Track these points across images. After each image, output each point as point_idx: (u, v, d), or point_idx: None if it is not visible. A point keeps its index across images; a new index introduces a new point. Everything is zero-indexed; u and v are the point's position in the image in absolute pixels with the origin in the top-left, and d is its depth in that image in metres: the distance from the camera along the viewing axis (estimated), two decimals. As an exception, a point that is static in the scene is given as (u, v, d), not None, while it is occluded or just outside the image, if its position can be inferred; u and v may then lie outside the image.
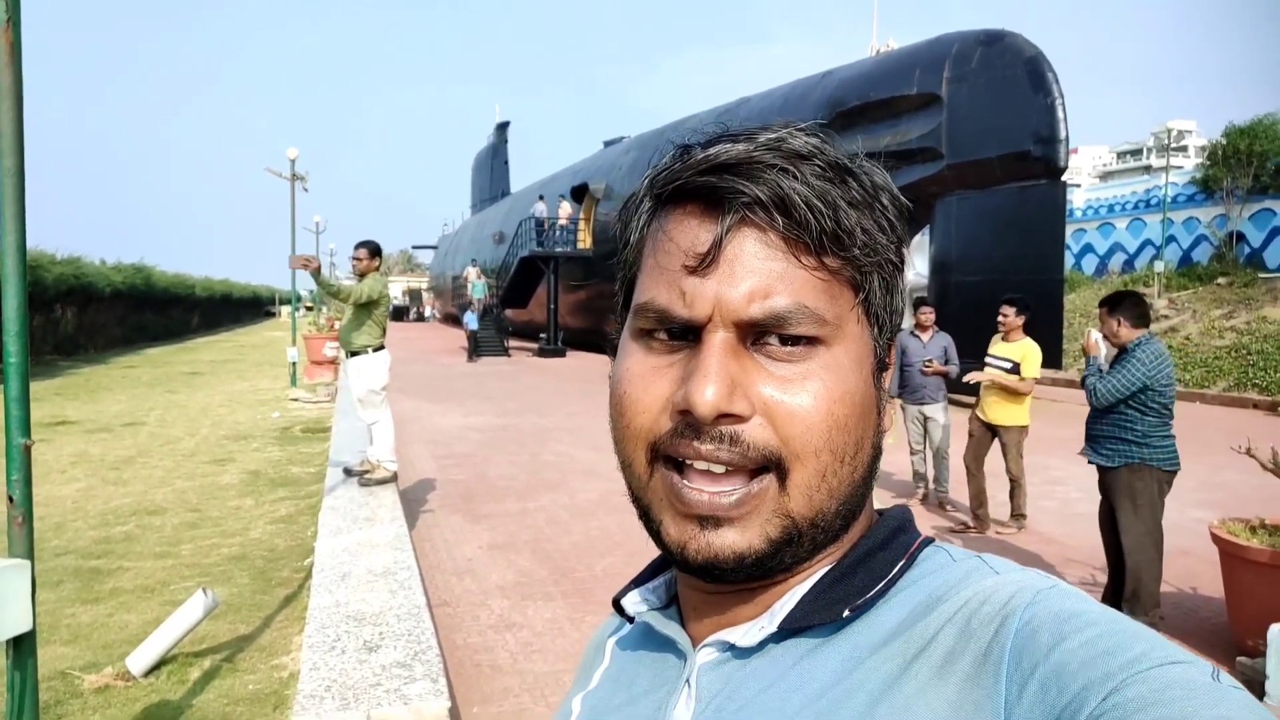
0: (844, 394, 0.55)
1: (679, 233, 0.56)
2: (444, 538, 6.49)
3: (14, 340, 2.48)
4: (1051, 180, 13.94)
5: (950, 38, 15.62)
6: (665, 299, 0.55)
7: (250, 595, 5.05)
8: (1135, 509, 4.46)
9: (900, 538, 0.60)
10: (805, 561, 0.58)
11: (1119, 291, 4.82)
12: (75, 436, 10.77)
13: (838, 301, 0.55)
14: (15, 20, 2.43)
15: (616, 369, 0.60)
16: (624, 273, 0.62)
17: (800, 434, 0.53)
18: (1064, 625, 0.46)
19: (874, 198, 0.56)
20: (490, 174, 48.62)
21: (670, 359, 0.56)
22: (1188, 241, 23.65)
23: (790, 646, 0.56)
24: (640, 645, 0.68)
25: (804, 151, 0.54)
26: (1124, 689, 0.42)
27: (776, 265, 0.53)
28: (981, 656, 0.48)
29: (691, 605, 0.63)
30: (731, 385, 0.53)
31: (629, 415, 0.57)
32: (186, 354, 27.52)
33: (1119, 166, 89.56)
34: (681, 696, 0.59)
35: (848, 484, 0.56)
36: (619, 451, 0.59)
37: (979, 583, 0.53)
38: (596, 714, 0.67)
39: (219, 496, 7.59)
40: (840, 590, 0.56)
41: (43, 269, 21.86)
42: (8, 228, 2.42)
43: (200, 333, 42.21)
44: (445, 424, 12.14)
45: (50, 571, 5.34)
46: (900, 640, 0.52)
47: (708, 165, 0.54)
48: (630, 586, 0.69)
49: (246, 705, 3.70)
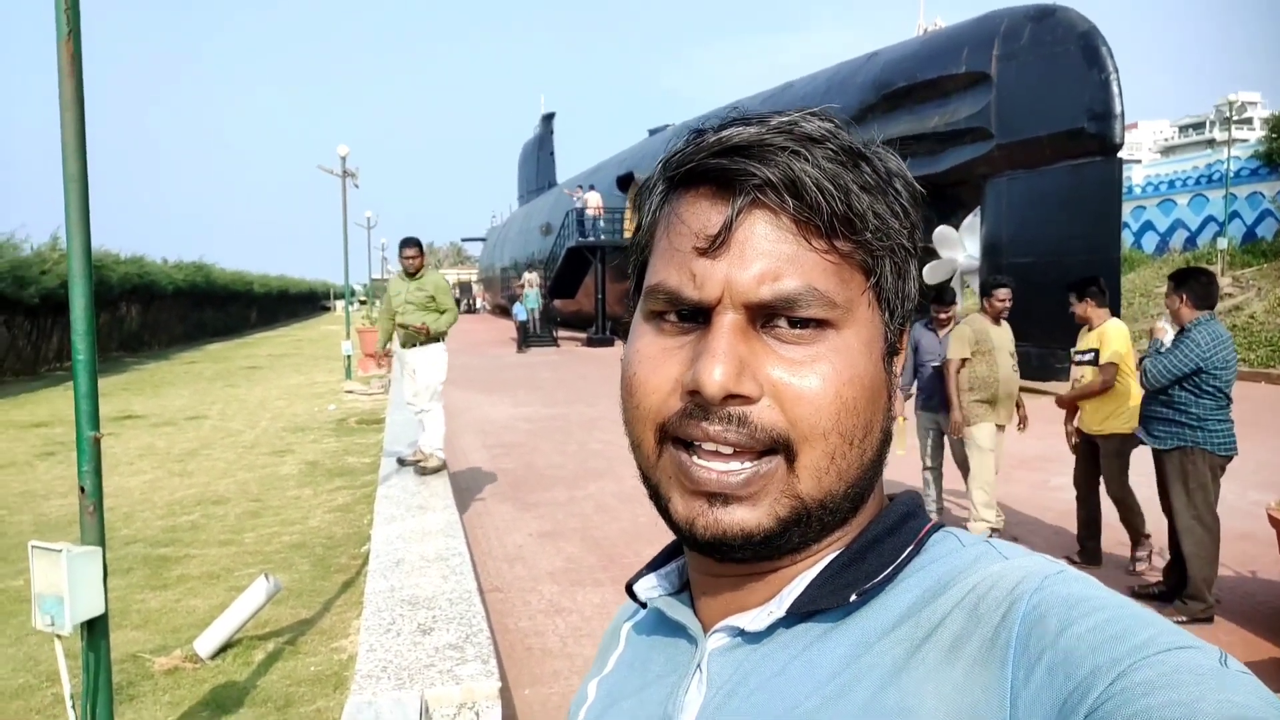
0: (853, 377, 0.55)
1: (690, 215, 0.56)
2: (495, 525, 6.61)
3: (82, 339, 2.60)
4: (1106, 157, 13.58)
5: (999, 14, 15.26)
6: (676, 281, 0.56)
7: (310, 581, 5.21)
8: (1187, 493, 4.37)
9: (910, 523, 0.60)
10: (813, 543, 0.58)
11: (1190, 268, 4.72)
12: (141, 430, 11.15)
13: (848, 285, 0.55)
14: (76, 32, 2.54)
15: (627, 350, 0.60)
16: (637, 255, 0.63)
17: (808, 416, 0.53)
18: (1071, 610, 0.47)
19: (887, 182, 0.56)
20: (536, 165, 48.86)
21: (681, 341, 0.56)
22: (1252, 217, 22.82)
23: (800, 632, 0.57)
24: (654, 631, 0.69)
25: (816, 135, 0.54)
26: (1132, 673, 0.42)
27: (787, 248, 0.53)
28: (989, 641, 0.48)
29: (702, 589, 0.64)
30: (740, 366, 0.53)
31: (639, 396, 0.58)
32: (245, 349, 28.21)
33: (1180, 141, 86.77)
34: (693, 681, 0.60)
35: (856, 467, 0.56)
36: (629, 432, 0.60)
37: (987, 568, 0.53)
38: (612, 699, 0.68)
39: (279, 486, 7.82)
40: (849, 575, 0.56)
41: (108, 269, 22.56)
42: (73, 231, 2.54)
43: (258, 328, 43.22)
44: (495, 414, 12.30)
45: (120, 559, 5.57)
46: (908, 625, 0.52)
47: (719, 148, 0.54)
48: (644, 571, 0.69)
49: (308, 686, 3.83)
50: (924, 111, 15.64)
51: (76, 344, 2.60)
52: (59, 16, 2.50)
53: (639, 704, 0.64)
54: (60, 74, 2.52)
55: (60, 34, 2.51)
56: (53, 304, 18.28)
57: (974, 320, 5.68)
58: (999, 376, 5.50)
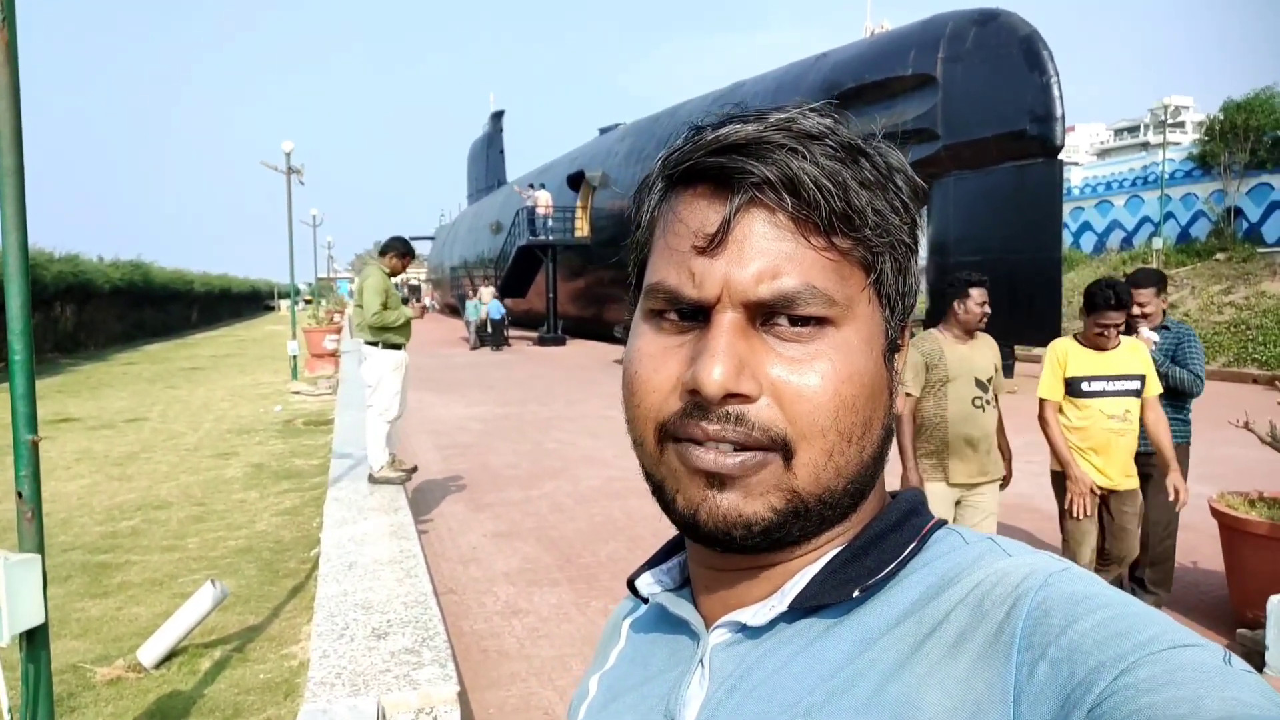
0: (852, 374, 0.55)
1: (689, 213, 0.56)
2: (448, 526, 6.53)
3: (18, 338, 2.50)
4: (1048, 159, 13.93)
5: (944, 17, 15.58)
6: (675, 280, 0.56)
7: (258, 586, 5.09)
8: None
9: (912, 520, 0.60)
10: (814, 536, 0.58)
11: (1150, 269, 4.82)
12: (78, 433, 10.79)
13: (848, 282, 0.55)
14: (10, 20, 2.44)
15: (628, 350, 0.60)
16: (636, 254, 0.62)
17: (807, 414, 0.53)
18: (1076, 607, 0.47)
19: (887, 178, 0.56)
20: (486, 164, 48.54)
21: (680, 339, 0.56)
22: (1186, 218, 23.62)
23: (802, 628, 0.57)
24: (655, 626, 0.69)
25: (815, 132, 0.54)
26: (1135, 669, 0.42)
27: (785, 246, 0.53)
28: (993, 637, 0.48)
29: (703, 584, 0.64)
30: (739, 365, 0.53)
31: (640, 395, 0.57)
32: (186, 349, 27.52)
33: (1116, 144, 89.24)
34: (695, 676, 0.60)
35: (855, 464, 0.56)
36: (631, 431, 0.59)
37: (991, 564, 0.53)
38: (613, 693, 0.68)
39: (224, 490, 7.63)
40: (851, 571, 0.56)
41: (41, 267, 21.87)
42: (9, 226, 2.44)
43: (200, 328, 42.18)
44: (447, 414, 12.16)
45: (59, 567, 5.37)
46: (912, 621, 0.52)
47: (718, 146, 0.54)
48: (645, 567, 0.69)
49: (258, 694, 3.74)
50: (872, 112, 15.85)
51: (13, 343, 2.50)
52: (-8, 1, 2.40)
53: (641, 699, 0.64)
54: (-6, 61, 2.41)
55: (-7, 19, 2.40)
56: (-18, 303, 17.63)
57: (926, 340, 4.09)
58: (947, 416, 3.96)
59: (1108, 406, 4.07)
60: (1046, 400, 4.19)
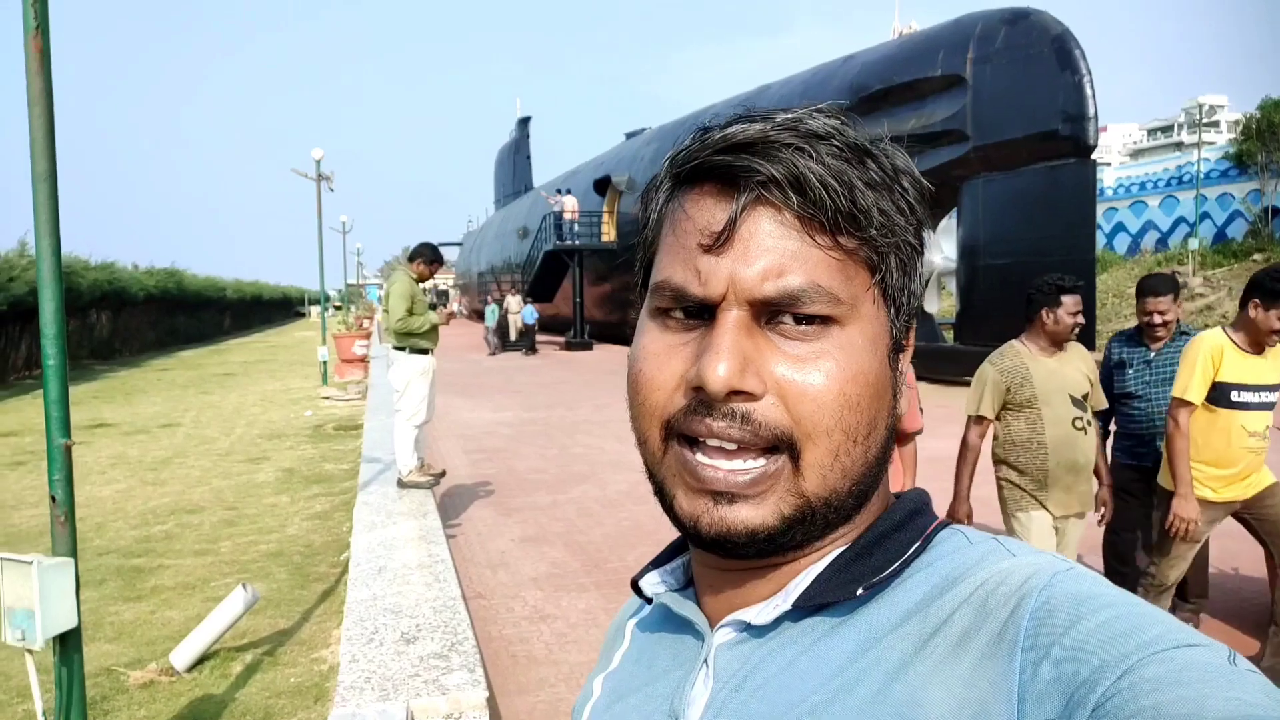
0: (856, 373, 0.55)
1: (695, 211, 0.56)
2: (477, 531, 6.54)
3: (52, 343, 2.52)
4: (1081, 159, 13.73)
5: (974, 17, 15.43)
6: (681, 277, 0.56)
7: (289, 590, 5.12)
8: None
9: (917, 520, 0.60)
10: (817, 539, 0.58)
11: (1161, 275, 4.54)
12: (113, 438, 10.95)
13: (853, 282, 0.55)
14: (44, 28, 2.46)
15: (634, 347, 0.60)
16: (643, 252, 0.63)
17: (812, 413, 0.54)
18: (1080, 606, 0.47)
19: (893, 179, 0.56)
20: (513, 169, 48.79)
21: (686, 337, 0.57)
22: (1222, 218, 23.22)
23: (806, 627, 0.57)
24: (659, 626, 0.69)
25: (821, 132, 0.54)
26: (1140, 669, 0.42)
27: (791, 244, 0.54)
28: (997, 636, 0.48)
29: (707, 584, 0.64)
30: (744, 363, 0.53)
31: (644, 392, 0.58)
32: (219, 355, 27.88)
33: (1150, 144, 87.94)
34: (700, 676, 0.60)
35: (861, 464, 0.56)
36: (635, 428, 0.60)
37: (995, 564, 0.53)
38: (617, 694, 0.68)
39: (255, 494, 7.69)
40: (855, 570, 0.57)
41: (77, 275, 22.22)
42: (42, 232, 2.47)
43: (232, 334, 42.78)
44: (475, 419, 12.20)
45: (93, 571, 5.44)
46: (916, 620, 0.52)
47: (724, 145, 0.55)
48: (649, 568, 0.70)
49: (288, 698, 3.75)
50: (900, 114, 15.74)
51: (47, 349, 2.52)
52: (26, 11, 2.43)
53: (645, 698, 0.64)
54: (28, 70, 2.45)
55: (28, 29, 2.44)
56: (21, 311, 17.98)
57: (1007, 354, 3.69)
58: (1045, 442, 3.56)
59: (1251, 422, 3.52)
60: (1187, 402, 3.56)
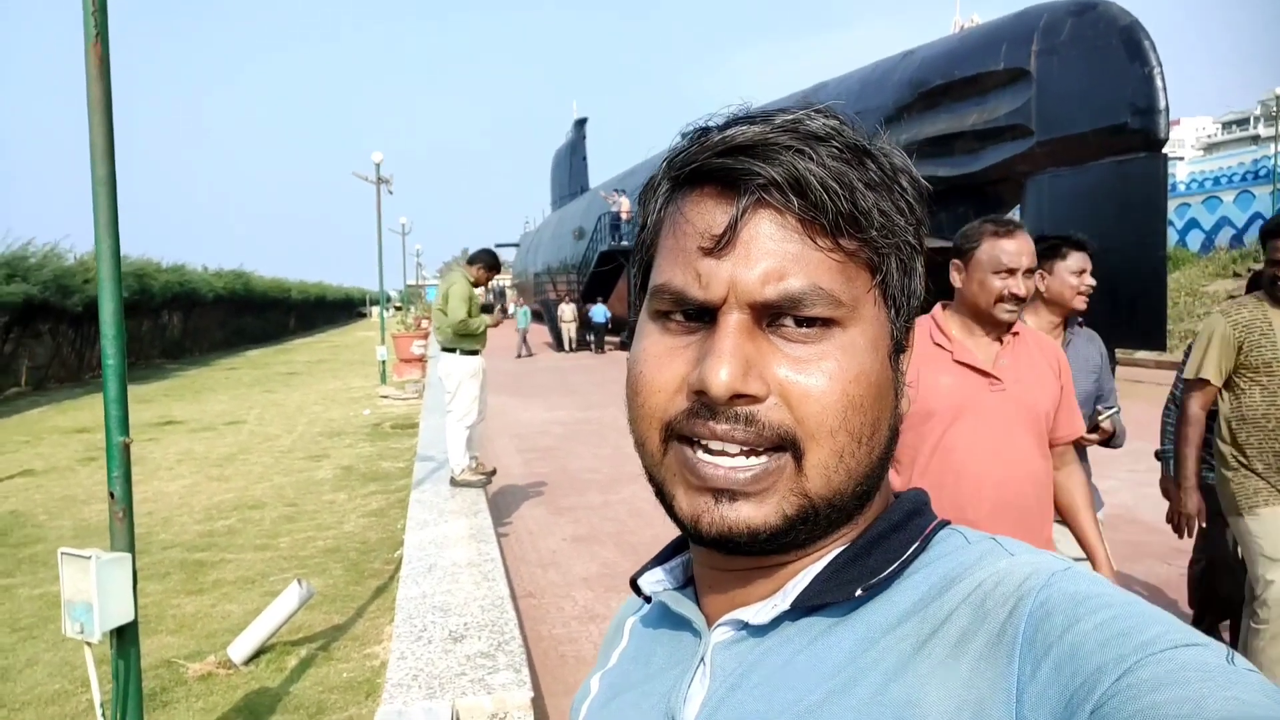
0: (859, 375, 0.55)
1: (695, 214, 0.56)
2: (528, 530, 6.57)
3: (111, 344, 2.59)
4: (1151, 153, 13.27)
5: (1038, 9, 15.01)
6: (681, 281, 0.56)
7: (344, 586, 5.20)
8: None
9: (916, 520, 0.60)
10: (819, 539, 0.58)
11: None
12: (181, 435, 11.27)
13: (854, 283, 0.55)
14: (104, 36, 2.52)
15: (633, 350, 0.60)
16: (642, 255, 0.63)
17: (815, 414, 0.54)
18: (1079, 607, 0.47)
19: (893, 179, 0.56)
20: (569, 170, 49.02)
21: (686, 340, 0.57)
22: (1303, 213, 22.23)
23: (804, 626, 0.57)
24: (657, 624, 0.69)
25: (821, 133, 0.54)
26: (1138, 669, 0.42)
27: (792, 247, 0.54)
28: (995, 636, 0.48)
29: (706, 583, 0.64)
30: (746, 366, 0.53)
31: (644, 395, 0.58)
32: (284, 355, 28.57)
33: (1224, 137, 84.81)
34: (697, 674, 0.60)
35: (864, 465, 0.56)
36: (634, 430, 0.59)
37: (994, 564, 0.53)
38: (615, 692, 0.68)
39: (314, 491, 7.84)
40: (854, 570, 0.57)
41: (150, 277, 23.00)
42: (101, 234, 2.53)
43: (297, 334, 43.84)
44: (529, 418, 12.29)
45: (158, 564, 5.60)
46: (914, 620, 0.53)
47: (723, 147, 0.54)
48: (649, 566, 0.70)
49: (340, 693, 3.80)
50: (962, 109, 15.41)
51: (106, 349, 2.59)
52: (86, 19, 2.49)
53: (642, 696, 0.64)
54: (88, 77, 2.51)
55: (88, 37, 2.50)
56: (95, 312, 18.62)
57: (1242, 306, 3.10)
58: None
59: None
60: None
